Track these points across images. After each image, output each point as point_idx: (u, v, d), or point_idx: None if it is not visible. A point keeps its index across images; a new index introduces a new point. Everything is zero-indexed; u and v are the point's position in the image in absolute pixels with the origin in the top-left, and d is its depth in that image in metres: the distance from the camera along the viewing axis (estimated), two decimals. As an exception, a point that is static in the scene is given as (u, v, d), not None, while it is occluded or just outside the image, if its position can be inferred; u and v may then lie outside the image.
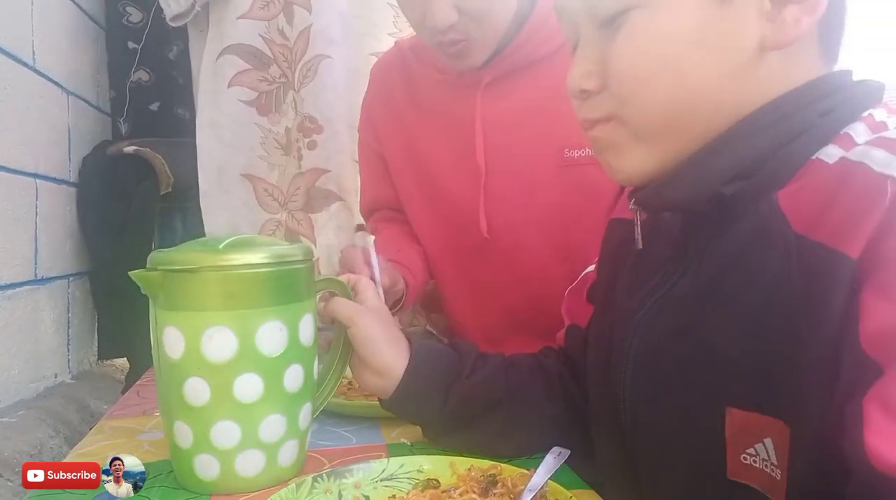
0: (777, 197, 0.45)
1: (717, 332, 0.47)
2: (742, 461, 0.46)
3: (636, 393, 0.55)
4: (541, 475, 0.54)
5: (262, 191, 1.41)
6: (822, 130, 0.46)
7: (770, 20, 0.46)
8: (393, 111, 1.08)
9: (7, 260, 1.07)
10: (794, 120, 0.47)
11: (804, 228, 0.43)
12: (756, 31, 0.47)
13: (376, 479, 0.57)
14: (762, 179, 0.47)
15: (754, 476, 0.45)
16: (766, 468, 0.44)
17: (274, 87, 1.39)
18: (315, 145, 1.40)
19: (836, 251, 0.40)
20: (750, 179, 0.47)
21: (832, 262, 0.40)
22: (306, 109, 1.39)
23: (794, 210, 0.44)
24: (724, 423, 0.46)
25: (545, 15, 0.91)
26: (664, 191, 0.51)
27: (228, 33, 1.36)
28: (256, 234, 1.39)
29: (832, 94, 0.48)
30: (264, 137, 1.40)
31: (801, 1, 0.46)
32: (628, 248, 0.62)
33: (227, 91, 1.37)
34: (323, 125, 1.39)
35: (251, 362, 0.57)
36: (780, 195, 0.45)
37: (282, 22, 1.37)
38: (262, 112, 1.39)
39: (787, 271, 0.43)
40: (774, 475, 0.44)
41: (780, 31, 0.46)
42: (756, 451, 0.45)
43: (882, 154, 0.41)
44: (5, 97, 1.08)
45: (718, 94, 0.48)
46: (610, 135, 0.52)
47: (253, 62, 1.37)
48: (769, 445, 0.44)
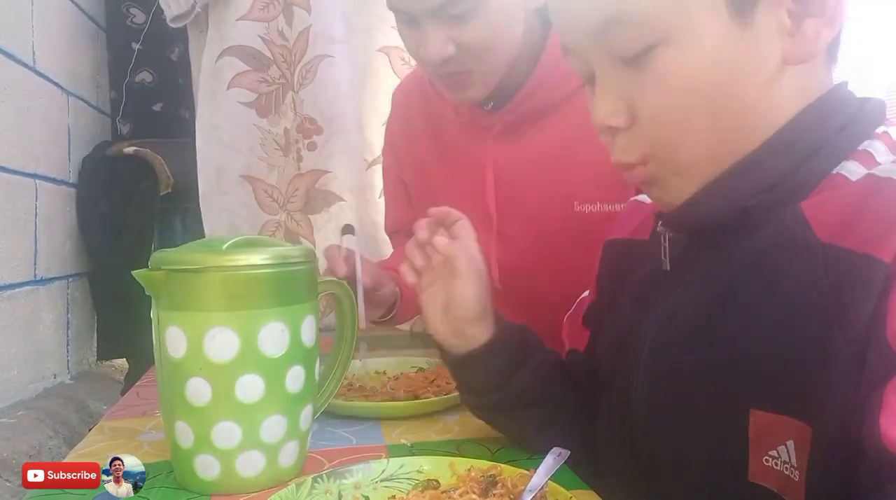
0: (801, 207, 0.46)
1: (740, 336, 0.48)
2: (764, 462, 0.46)
3: (650, 400, 0.55)
4: (540, 475, 0.54)
5: (261, 192, 1.42)
6: (840, 145, 0.48)
7: (790, 35, 0.46)
8: (413, 142, 1.07)
9: (7, 260, 1.07)
10: (813, 136, 0.48)
11: (830, 237, 0.44)
12: (777, 47, 0.46)
13: (376, 479, 0.57)
14: (785, 191, 0.48)
15: (772, 478, 0.46)
16: (785, 469, 0.45)
17: (273, 88, 1.40)
18: (315, 146, 1.40)
19: (869, 256, 0.41)
20: (773, 190, 0.48)
21: (865, 267, 0.41)
22: (306, 110, 1.39)
23: (818, 220, 0.45)
24: (748, 425, 0.46)
25: (555, 59, 0.87)
26: (691, 211, 0.51)
27: (228, 35, 1.37)
28: (257, 235, 1.39)
29: (842, 107, 0.49)
30: (264, 138, 1.40)
31: (821, 14, 0.45)
32: (628, 266, 0.62)
33: (227, 93, 1.38)
34: (323, 126, 1.39)
35: (253, 363, 0.57)
36: (804, 206, 0.46)
37: (281, 23, 1.37)
38: (261, 113, 1.40)
39: (814, 275, 0.43)
40: (792, 476, 0.44)
41: (800, 45, 0.46)
42: (778, 453, 0.45)
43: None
44: (5, 97, 1.08)
45: (750, 115, 0.48)
46: (650, 174, 0.52)
47: (252, 63, 1.38)
48: (790, 447, 0.44)
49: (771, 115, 0.48)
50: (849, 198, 0.44)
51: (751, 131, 0.49)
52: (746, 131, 0.49)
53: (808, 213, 0.46)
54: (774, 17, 0.46)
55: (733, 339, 0.48)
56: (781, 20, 0.46)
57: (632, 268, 0.64)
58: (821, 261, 0.44)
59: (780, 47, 0.46)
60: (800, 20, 0.46)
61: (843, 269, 0.42)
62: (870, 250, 0.41)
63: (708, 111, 0.47)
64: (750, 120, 0.48)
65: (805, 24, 0.46)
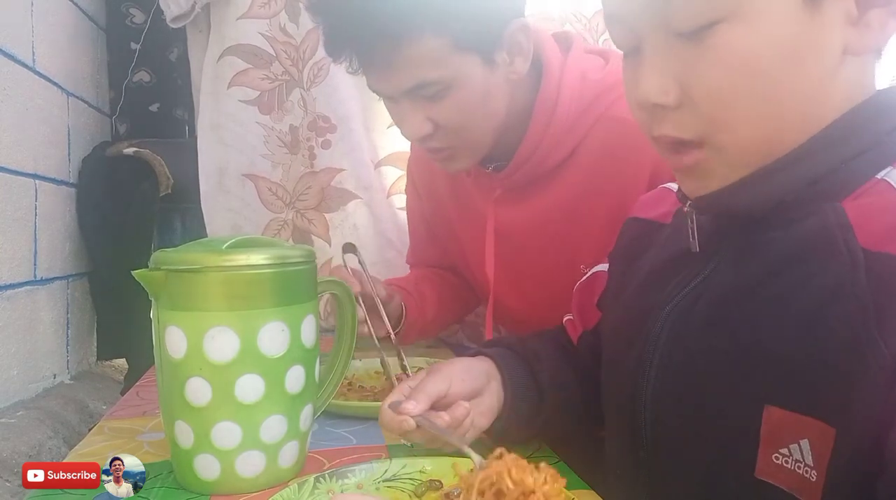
0: (844, 208, 0.45)
1: (763, 329, 0.47)
2: (774, 460, 0.45)
3: (661, 388, 0.54)
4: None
5: (265, 190, 1.41)
6: (888, 148, 0.47)
7: (854, 25, 0.45)
8: (432, 183, 1.08)
9: (6, 260, 1.07)
10: (862, 136, 0.47)
11: (873, 243, 0.43)
12: (841, 36, 0.45)
13: (378, 480, 0.57)
14: (826, 188, 0.47)
15: (783, 477, 0.45)
16: (799, 468, 0.44)
17: (276, 84, 1.39)
18: (329, 145, 1.40)
19: None
20: (814, 186, 0.47)
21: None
22: (319, 109, 1.39)
23: (862, 226, 0.44)
24: (761, 421, 0.46)
25: (543, 127, 0.85)
26: (726, 198, 0.50)
27: (229, 34, 1.36)
28: (260, 234, 1.39)
29: (891, 109, 0.48)
30: (267, 135, 1.40)
31: (887, 4, 0.44)
32: (644, 246, 0.61)
33: (228, 92, 1.38)
34: (337, 124, 1.39)
35: (253, 363, 0.57)
36: (847, 207, 0.45)
37: (284, 19, 1.37)
38: (263, 110, 1.39)
39: (853, 279, 0.43)
40: (809, 476, 0.43)
41: (864, 35, 0.45)
42: (790, 451, 0.44)
43: None
44: (5, 97, 1.07)
45: (807, 104, 0.47)
46: (703, 164, 0.50)
47: (253, 61, 1.37)
48: (805, 446, 0.43)
49: (826, 107, 0.47)
50: (893, 204, 0.43)
51: (805, 121, 0.47)
52: (801, 121, 0.47)
53: (852, 215, 0.45)
54: (842, 3, 0.45)
55: (757, 330, 0.47)
56: (849, 9, 0.45)
57: (648, 248, 0.62)
58: (861, 266, 0.42)
59: (843, 36, 0.45)
60: (865, 9, 0.45)
61: (885, 276, 0.41)
62: None
63: (768, 95, 0.46)
64: (807, 109, 0.47)
65: (870, 14, 0.45)
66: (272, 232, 1.42)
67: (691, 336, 0.52)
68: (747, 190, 0.49)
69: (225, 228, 1.39)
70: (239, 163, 1.40)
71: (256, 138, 1.39)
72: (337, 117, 1.39)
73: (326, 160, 1.41)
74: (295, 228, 1.43)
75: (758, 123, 0.47)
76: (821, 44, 0.45)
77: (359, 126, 1.40)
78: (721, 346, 0.49)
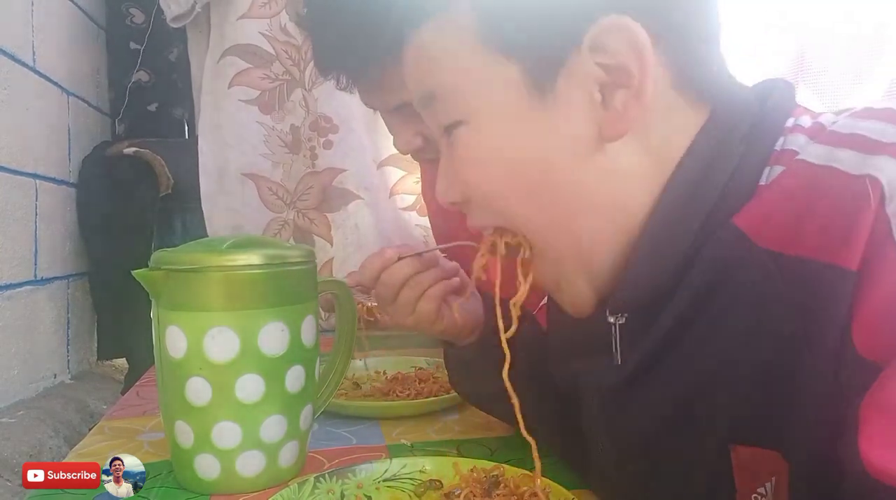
0: (733, 222, 0.41)
1: (702, 366, 0.44)
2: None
3: (618, 451, 0.52)
4: None
5: (266, 190, 1.41)
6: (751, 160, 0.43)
7: (604, 109, 0.43)
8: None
9: (6, 260, 1.07)
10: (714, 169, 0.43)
11: (778, 246, 0.39)
12: (590, 120, 0.43)
13: (378, 479, 0.57)
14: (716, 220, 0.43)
15: None
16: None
17: (277, 84, 1.39)
18: (331, 145, 1.40)
19: (833, 266, 0.36)
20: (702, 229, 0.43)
21: (830, 276, 0.36)
22: (321, 109, 1.39)
23: (754, 229, 0.40)
24: (731, 463, 0.43)
25: None
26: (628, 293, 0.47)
27: (229, 35, 1.37)
28: (260, 234, 1.39)
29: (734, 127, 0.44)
30: (267, 135, 1.40)
31: (628, 85, 0.42)
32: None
33: (228, 92, 1.38)
34: (338, 125, 1.39)
35: (253, 363, 0.57)
36: (735, 220, 0.41)
37: (284, 19, 1.37)
38: (264, 110, 1.40)
39: (773, 290, 0.39)
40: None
41: (616, 120, 0.43)
42: (766, 490, 0.42)
43: (849, 154, 0.38)
44: (5, 97, 1.08)
45: (592, 195, 0.45)
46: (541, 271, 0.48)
47: (254, 61, 1.37)
48: (772, 482, 0.41)
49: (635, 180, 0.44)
50: (785, 201, 0.40)
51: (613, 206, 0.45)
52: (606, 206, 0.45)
53: (741, 224, 0.41)
54: (583, 89, 0.43)
55: (696, 377, 0.44)
56: (591, 93, 0.43)
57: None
58: (776, 273, 0.39)
59: (593, 121, 0.43)
60: (612, 93, 0.42)
61: (805, 280, 0.38)
62: (831, 257, 0.36)
63: (527, 187, 0.45)
64: (595, 198, 0.45)
65: (616, 97, 0.42)
66: (272, 232, 1.42)
67: (631, 398, 0.49)
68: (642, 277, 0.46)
69: (225, 228, 1.39)
70: (239, 163, 1.40)
71: (257, 138, 1.40)
72: (339, 118, 1.39)
73: (328, 160, 1.41)
74: (296, 227, 1.43)
75: (542, 215, 0.46)
76: (565, 131, 0.44)
77: (361, 126, 1.40)
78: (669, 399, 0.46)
